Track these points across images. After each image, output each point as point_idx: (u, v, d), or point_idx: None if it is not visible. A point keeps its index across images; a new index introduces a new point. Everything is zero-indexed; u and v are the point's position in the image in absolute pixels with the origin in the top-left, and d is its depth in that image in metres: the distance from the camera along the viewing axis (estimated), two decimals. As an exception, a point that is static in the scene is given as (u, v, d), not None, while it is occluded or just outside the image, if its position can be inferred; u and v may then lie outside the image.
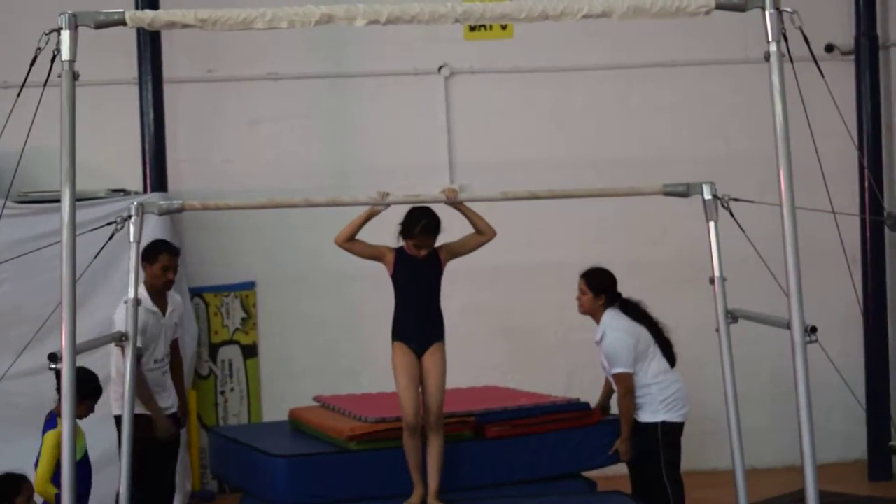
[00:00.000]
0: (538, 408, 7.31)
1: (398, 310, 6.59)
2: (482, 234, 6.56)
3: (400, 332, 6.55)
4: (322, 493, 6.70)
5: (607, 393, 7.47)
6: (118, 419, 7.01)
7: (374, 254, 6.60)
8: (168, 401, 7.32)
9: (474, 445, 6.99)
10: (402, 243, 6.57)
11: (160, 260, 7.20)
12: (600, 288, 7.21)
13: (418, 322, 6.53)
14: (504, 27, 10.18)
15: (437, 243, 6.55)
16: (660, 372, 7.07)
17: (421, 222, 6.44)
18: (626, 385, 6.99)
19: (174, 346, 7.57)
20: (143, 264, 7.10)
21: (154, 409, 7.13)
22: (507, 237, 9.90)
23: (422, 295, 6.55)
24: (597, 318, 7.22)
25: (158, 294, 7.27)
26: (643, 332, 7.12)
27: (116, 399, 7.05)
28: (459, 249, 6.61)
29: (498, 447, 6.98)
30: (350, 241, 6.51)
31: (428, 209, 6.50)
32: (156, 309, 7.21)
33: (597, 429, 7.26)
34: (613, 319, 7.14)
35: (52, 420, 6.50)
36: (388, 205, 6.31)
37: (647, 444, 7.01)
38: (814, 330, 4.63)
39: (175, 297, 7.55)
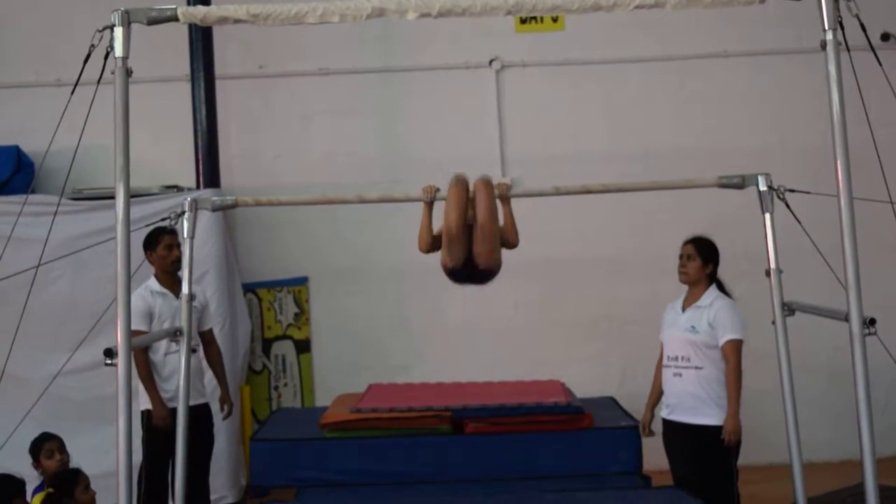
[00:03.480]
0: (521, 408, 7.24)
1: None
2: (510, 241, 5.95)
3: None
4: (292, 476, 7.09)
5: (660, 388, 7.03)
6: (143, 414, 7.11)
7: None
8: (195, 393, 7.19)
9: (453, 440, 7.02)
10: None
11: (161, 241, 7.26)
12: (710, 256, 6.84)
13: None
14: (555, 19, 10.15)
15: None
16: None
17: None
18: (740, 354, 6.58)
19: (209, 337, 7.63)
20: (147, 253, 7.26)
21: (152, 394, 7.10)
22: (559, 231, 9.90)
23: None
24: (699, 288, 6.81)
25: (169, 276, 7.33)
26: None
27: (141, 393, 7.13)
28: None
29: (475, 443, 6.97)
30: (431, 243, 6.09)
31: None
32: (165, 290, 7.28)
33: (583, 434, 7.19)
34: (721, 293, 6.80)
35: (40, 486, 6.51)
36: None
37: (719, 446, 6.55)
38: (872, 322, 4.55)
39: (195, 287, 7.56)
